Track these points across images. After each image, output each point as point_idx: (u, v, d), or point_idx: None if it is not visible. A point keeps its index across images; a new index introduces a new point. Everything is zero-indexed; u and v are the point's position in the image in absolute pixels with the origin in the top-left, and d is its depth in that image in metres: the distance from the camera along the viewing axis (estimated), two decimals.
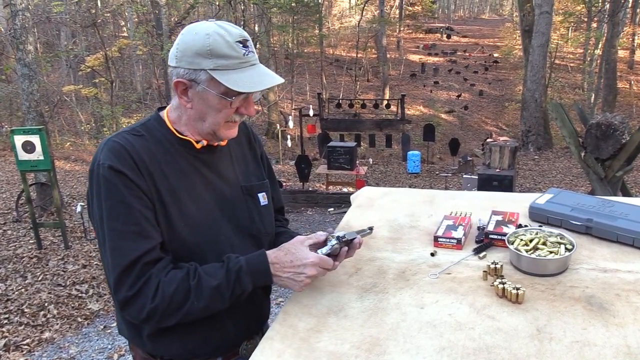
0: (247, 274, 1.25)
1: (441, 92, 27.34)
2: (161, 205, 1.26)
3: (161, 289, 1.20)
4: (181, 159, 1.33)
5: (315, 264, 1.25)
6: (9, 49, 16.30)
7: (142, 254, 1.21)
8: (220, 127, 1.31)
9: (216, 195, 1.37)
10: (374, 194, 2.06)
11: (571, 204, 1.65)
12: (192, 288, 1.21)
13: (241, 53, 1.24)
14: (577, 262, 1.42)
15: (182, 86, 1.27)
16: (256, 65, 1.29)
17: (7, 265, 5.81)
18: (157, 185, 1.26)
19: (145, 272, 1.21)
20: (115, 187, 1.21)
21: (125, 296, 1.20)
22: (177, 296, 1.20)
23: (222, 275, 1.23)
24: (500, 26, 38.59)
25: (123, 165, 1.22)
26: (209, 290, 1.22)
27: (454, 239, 1.54)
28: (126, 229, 1.21)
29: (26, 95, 7.48)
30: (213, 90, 1.25)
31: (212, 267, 1.26)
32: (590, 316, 1.18)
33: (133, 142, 1.27)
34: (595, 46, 24.12)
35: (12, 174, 11.02)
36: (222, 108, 1.27)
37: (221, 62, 1.23)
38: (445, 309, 1.24)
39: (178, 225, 1.28)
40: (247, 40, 1.27)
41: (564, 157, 13.13)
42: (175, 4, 18.26)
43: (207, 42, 1.22)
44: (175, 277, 1.22)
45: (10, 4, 7.38)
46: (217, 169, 1.40)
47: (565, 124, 5.83)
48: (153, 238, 1.24)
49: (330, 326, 1.21)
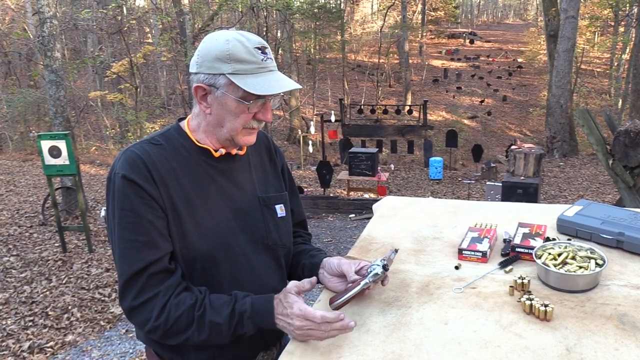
0: (250, 319, 1.24)
1: (464, 97, 27.12)
2: (175, 215, 1.27)
3: (167, 311, 1.22)
4: (198, 168, 1.33)
5: (298, 316, 1.18)
6: (37, 56, 16.70)
7: (148, 265, 1.22)
8: (238, 133, 1.31)
9: (231, 204, 1.37)
10: (397, 203, 2.03)
11: (601, 217, 1.60)
12: (196, 319, 1.22)
13: (259, 59, 1.26)
14: (608, 278, 1.37)
15: (201, 91, 1.30)
16: (274, 71, 1.30)
17: (32, 268, 5.91)
18: (172, 194, 1.27)
19: (151, 285, 1.23)
20: (127, 196, 1.24)
21: (130, 305, 1.23)
22: (180, 322, 1.22)
23: (226, 316, 1.23)
24: (524, 31, 38.13)
25: (137, 174, 1.24)
26: (210, 326, 1.23)
27: (479, 252, 1.50)
28: (134, 238, 1.23)
29: (53, 101, 7.62)
30: (232, 95, 1.26)
31: (219, 301, 1.26)
32: (623, 336, 1.13)
33: (150, 152, 1.29)
34: (622, 51, 23.66)
35: (39, 177, 11.23)
36: (240, 113, 1.28)
37: (240, 66, 1.25)
38: (471, 325, 1.20)
39: (192, 234, 1.29)
40: (266, 48, 1.29)
41: (590, 164, 12.86)
42: (199, 11, 18.49)
43: (226, 47, 1.25)
44: (183, 303, 1.23)
45: (38, 11, 7.54)
46: (234, 179, 1.40)
47: (593, 131, 5.70)
48: (160, 248, 1.25)
49: (352, 341, 1.18)
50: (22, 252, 6.49)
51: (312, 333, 1.17)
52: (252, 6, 15.99)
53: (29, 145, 16.67)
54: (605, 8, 22.29)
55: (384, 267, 1.29)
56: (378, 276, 1.28)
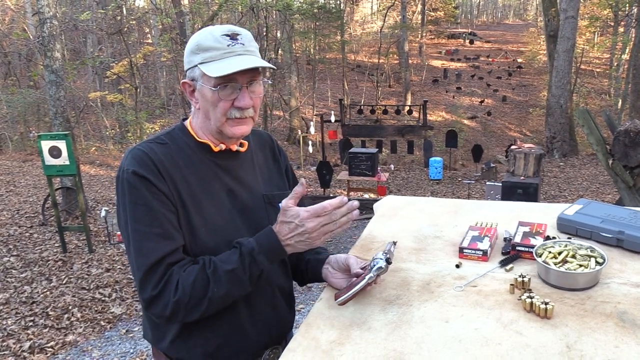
0: (261, 253, 1.25)
1: (464, 97, 27.13)
2: (183, 210, 1.29)
3: (181, 283, 1.22)
4: (202, 165, 1.35)
5: (308, 217, 1.22)
6: (37, 56, 16.69)
7: (165, 255, 1.23)
8: (223, 123, 1.31)
9: (237, 201, 1.38)
10: (397, 203, 2.03)
11: (601, 216, 1.60)
12: (210, 276, 1.23)
13: (225, 44, 1.26)
14: (608, 276, 1.37)
15: (188, 87, 1.34)
16: (243, 55, 1.28)
17: (33, 268, 5.92)
18: (180, 190, 1.29)
19: (168, 272, 1.23)
20: (139, 191, 1.25)
21: (150, 295, 1.23)
22: (197, 286, 1.22)
23: (236, 260, 1.24)
24: (524, 31, 38.17)
25: (146, 170, 1.26)
26: (226, 276, 1.23)
27: (480, 251, 1.50)
28: (149, 231, 1.24)
29: (53, 101, 7.62)
30: (206, 85, 1.28)
31: (225, 254, 1.27)
32: (623, 333, 1.13)
33: (156, 150, 1.31)
34: (622, 51, 23.67)
35: (39, 178, 11.24)
36: (217, 102, 1.29)
37: (207, 54, 1.27)
38: (471, 323, 1.20)
39: (199, 230, 1.30)
40: (238, 34, 1.29)
41: (590, 164, 12.87)
42: (199, 11, 18.50)
43: (197, 39, 1.29)
44: (192, 270, 1.24)
45: (38, 12, 7.56)
46: (238, 176, 1.41)
47: (593, 131, 5.71)
48: (176, 240, 1.26)
49: (353, 339, 1.18)
50: (23, 252, 6.49)
51: (327, 228, 1.23)
52: (252, 6, 16.01)
53: (29, 146, 16.67)
54: (604, 8, 22.31)
55: (387, 261, 1.30)
56: (382, 270, 1.28)
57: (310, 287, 5.03)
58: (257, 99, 1.33)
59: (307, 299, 4.91)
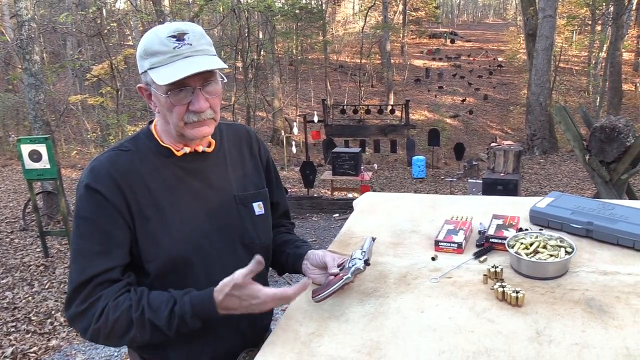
0: (193, 317, 1.19)
1: (446, 96, 27.34)
2: (143, 221, 1.26)
3: (105, 313, 1.18)
4: (166, 171, 1.31)
5: (270, 302, 1.18)
6: (15, 59, 16.45)
7: (97, 274, 1.20)
8: (182, 127, 1.26)
9: (205, 205, 1.33)
10: (376, 199, 2.07)
11: (572, 208, 1.66)
12: (135, 321, 1.18)
13: (171, 47, 1.19)
14: (577, 265, 1.42)
15: (145, 92, 1.29)
16: (190, 57, 1.20)
17: (14, 274, 5.85)
18: (140, 201, 1.26)
19: (96, 292, 1.20)
20: (88, 205, 1.23)
21: (74, 312, 1.20)
22: (120, 324, 1.18)
23: (165, 317, 1.18)
24: (504, 30, 38.59)
25: (100, 184, 1.23)
26: (150, 328, 1.19)
27: (455, 243, 1.55)
28: (89, 247, 1.22)
29: (32, 105, 7.54)
30: (158, 91, 1.23)
31: (157, 300, 1.20)
32: (590, 318, 1.18)
33: (117, 160, 1.27)
34: (599, 49, 24.06)
35: (19, 182, 11.09)
36: (171, 107, 1.23)
37: (154, 59, 1.21)
38: (446, 312, 1.25)
39: (163, 240, 1.26)
40: (185, 34, 1.21)
41: (570, 161, 13.08)
42: (179, 12, 18.38)
43: (144, 42, 1.23)
44: (120, 305, 1.19)
45: (16, 14, 7.47)
46: (206, 178, 1.36)
47: (570, 128, 5.82)
48: (113, 259, 1.23)
49: (332, 330, 1.22)
50: (3, 258, 6.41)
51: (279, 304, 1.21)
52: (233, 8, 15.96)
53: (8, 150, 16.43)
54: (582, 7, 22.69)
55: (366, 262, 1.31)
56: (360, 271, 1.30)
57: (289, 281, 5.05)
58: (214, 100, 1.26)
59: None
